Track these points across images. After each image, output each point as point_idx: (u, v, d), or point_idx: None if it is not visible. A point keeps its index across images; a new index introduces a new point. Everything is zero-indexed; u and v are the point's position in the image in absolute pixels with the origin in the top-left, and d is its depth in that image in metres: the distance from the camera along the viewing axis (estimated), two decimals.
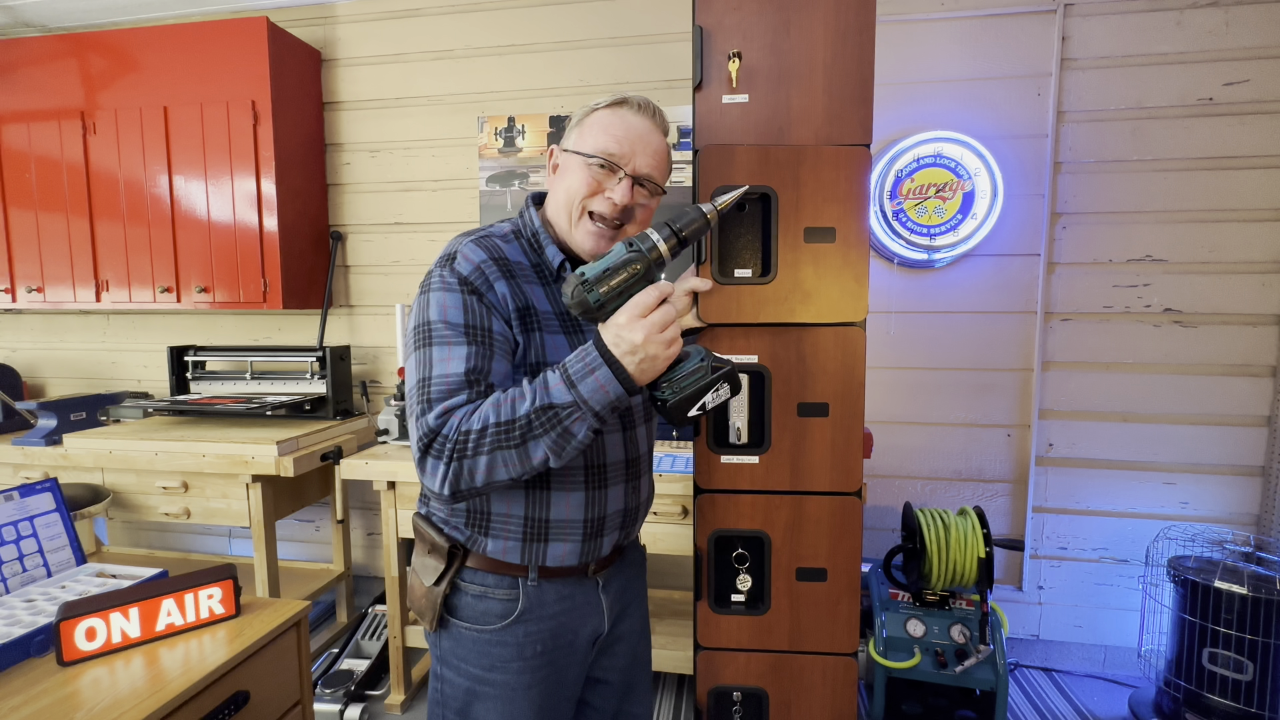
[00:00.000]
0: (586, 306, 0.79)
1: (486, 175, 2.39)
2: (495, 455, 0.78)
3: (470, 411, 0.79)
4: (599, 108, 0.93)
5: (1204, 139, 2.01)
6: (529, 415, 0.77)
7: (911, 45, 2.11)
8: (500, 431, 0.78)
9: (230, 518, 2.05)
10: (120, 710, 0.84)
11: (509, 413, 0.78)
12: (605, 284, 0.79)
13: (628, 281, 0.79)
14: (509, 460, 0.79)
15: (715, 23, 1.08)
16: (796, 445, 1.12)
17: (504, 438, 0.78)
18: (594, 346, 0.79)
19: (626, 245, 0.80)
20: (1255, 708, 1.71)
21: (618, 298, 0.79)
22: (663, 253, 0.80)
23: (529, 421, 0.77)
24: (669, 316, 0.78)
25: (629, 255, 0.79)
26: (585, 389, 0.77)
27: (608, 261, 0.80)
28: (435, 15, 2.38)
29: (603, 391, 0.77)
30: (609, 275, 0.79)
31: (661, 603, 2.25)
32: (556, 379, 0.79)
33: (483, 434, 0.78)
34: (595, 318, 0.80)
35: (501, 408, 0.78)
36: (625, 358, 0.77)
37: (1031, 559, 2.22)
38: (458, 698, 0.94)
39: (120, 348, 2.77)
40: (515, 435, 0.78)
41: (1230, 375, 2.06)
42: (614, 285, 0.79)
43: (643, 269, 0.79)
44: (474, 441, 0.78)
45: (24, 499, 1.18)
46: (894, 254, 2.14)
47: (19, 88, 2.34)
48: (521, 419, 0.77)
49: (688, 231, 0.82)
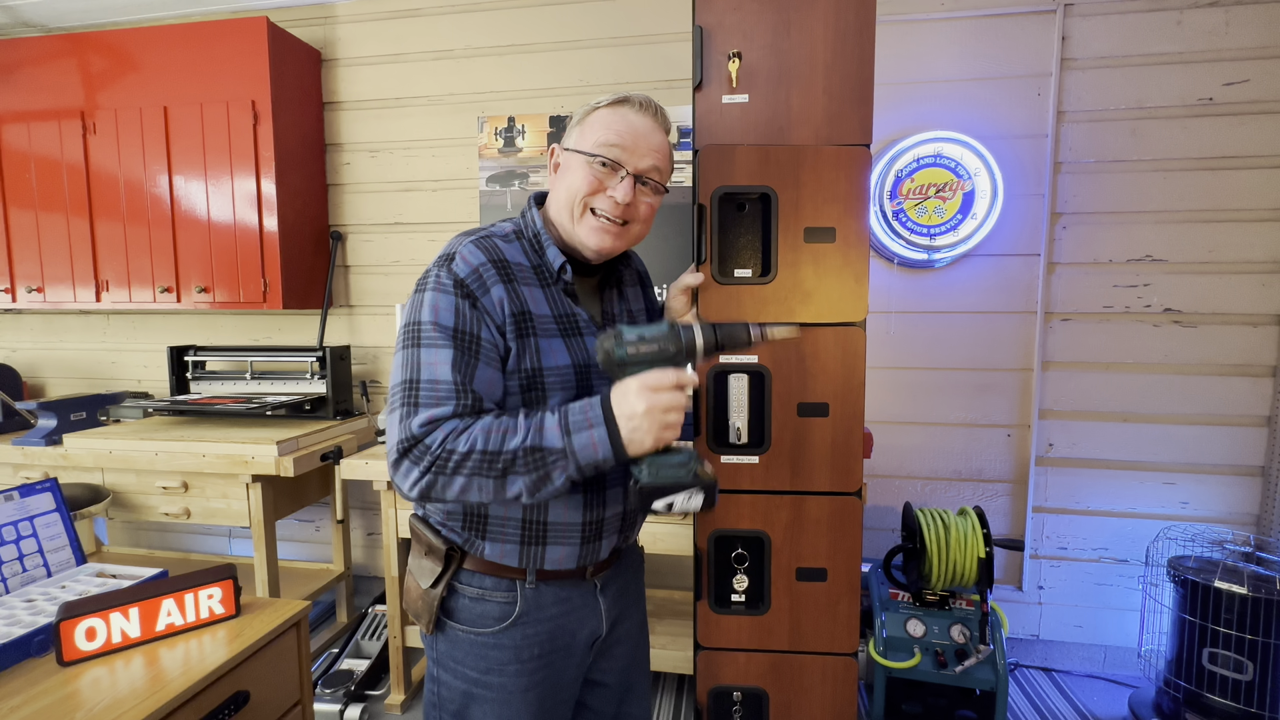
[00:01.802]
0: (611, 359, 0.83)
1: (486, 175, 2.38)
2: (473, 480, 0.80)
3: (460, 430, 0.80)
4: (601, 106, 0.93)
5: (1204, 139, 2.01)
6: (516, 452, 0.79)
7: (911, 45, 2.11)
8: (484, 460, 0.79)
9: (230, 518, 2.05)
10: (120, 710, 0.84)
11: (497, 444, 0.79)
12: (635, 347, 0.82)
13: (656, 356, 0.82)
14: (484, 487, 0.81)
15: (715, 23, 1.08)
16: (796, 445, 1.12)
17: (486, 467, 0.79)
18: (599, 402, 0.81)
19: (670, 325, 0.84)
20: (1255, 708, 1.71)
21: (640, 364, 0.82)
22: (698, 348, 0.84)
23: (514, 458, 0.79)
24: (676, 402, 0.80)
25: (668, 333, 0.83)
26: (577, 441, 0.80)
27: (647, 330, 0.83)
28: (435, 15, 2.38)
29: (592, 449, 0.80)
30: (642, 341, 0.82)
31: (661, 603, 2.25)
32: (553, 423, 0.81)
33: (466, 457, 0.79)
34: (615, 374, 0.84)
35: (491, 436, 0.79)
36: (622, 420, 0.80)
37: (1031, 559, 2.22)
38: (454, 700, 0.94)
39: (120, 348, 2.77)
40: (498, 467, 0.79)
41: (1230, 375, 2.06)
42: (642, 352, 0.82)
43: (674, 350, 0.83)
44: (456, 461, 0.79)
45: (24, 499, 1.18)
46: (894, 254, 2.14)
47: (19, 88, 2.34)
48: (508, 454, 0.79)
49: (726, 343, 0.85)
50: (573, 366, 0.91)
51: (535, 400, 0.89)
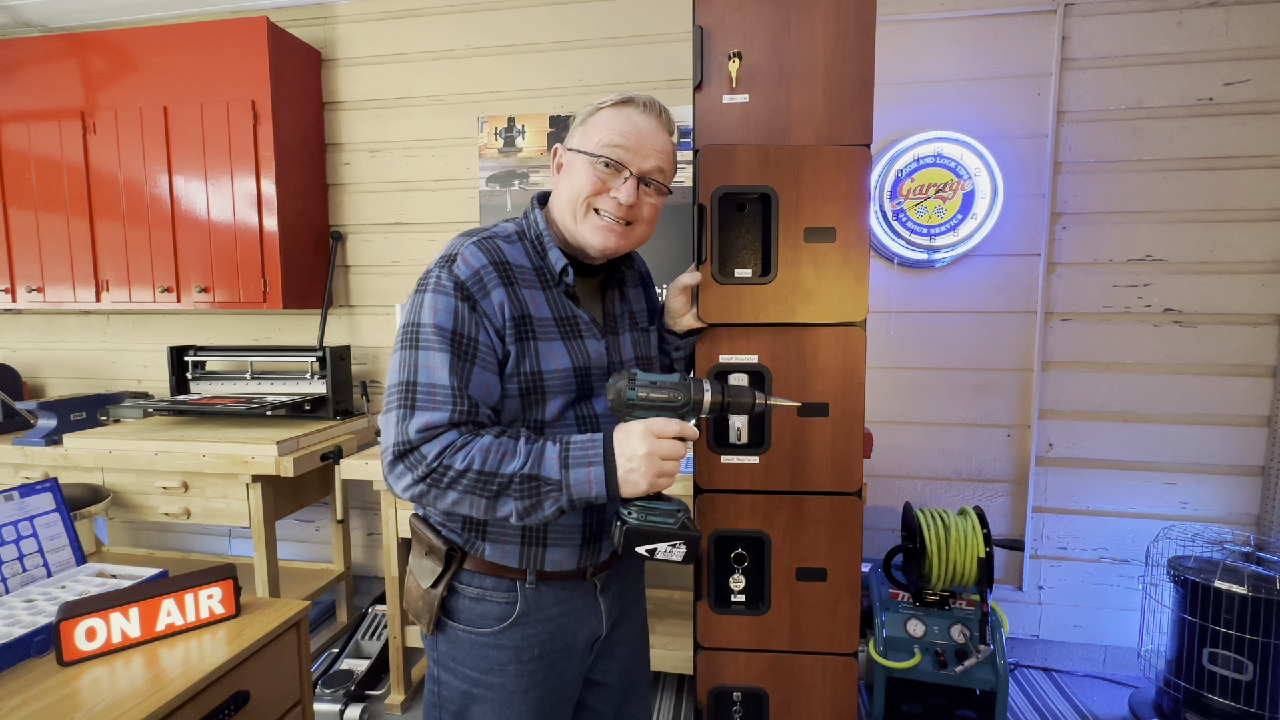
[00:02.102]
0: (620, 399, 0.84)
1: (486, 175, 2.38)
2: (465, 496, 0.81)
3: (458, 446, 0.81)
4: (604, 106, 0.93)
5: (1204, 139, 2.01)
6: (513, 477, 0.80)
7: (911, 45, 2.11)
8: (480, 480, 0.80)
9: (230, 518, 2.05)
10: (120, 710, 0.84)
11: (494, 465, 0.80)
12: (647, 392, 0.84)
13: (664, 403, 0.84)
14: (476, 505, 0.82)
15: (715, 23, 1.08)
16: (796, 445, 1.12)
17: (481, 487, 0.80)
18: (602, 440, 0.83)
19: (682, 377, 0.87)
20: (1255, 708, 1.71)
21: (647, 409, 0.84)
22: (705, 403, 0.86)
23: (509, 482, 0.80)
24: (675, 452, 0.82)
25: (679, 384, 0.85)
26: (573, 476, 0.81)
27: (660, 378, 0.86)
28: (435, 15, 2.38)
29: (587, 485, 0.81)
30: (654, 388, 0.85)
31: (661, 603, 2.25)
32: (553, 454, 0.82)
33: (462, 474, 0.80)
34: (621, 414, 0.85)
35: (489, 457, 0.80)
36: (621, 460, 0.81)
37: (1031, 559, 2.22)
38: (455, 701, 0.94)
39: (120, 348, 2.77)
40: (492, 488, 0.80)
41: (1230, 375, 2.06)
42: (652, 397, 0.84)
43: (682, 401, 0.85)
44: (451, 477, 0.80)
45: (24, 499, 1.18)
46: (894, 254, 2.14)
47: (19, 88, 2.34)
48: (504, 477, 0.80)
49: (733, 405, 0.87)
50: (573, 369, 0.91)
51: (535, 403, 0.89)
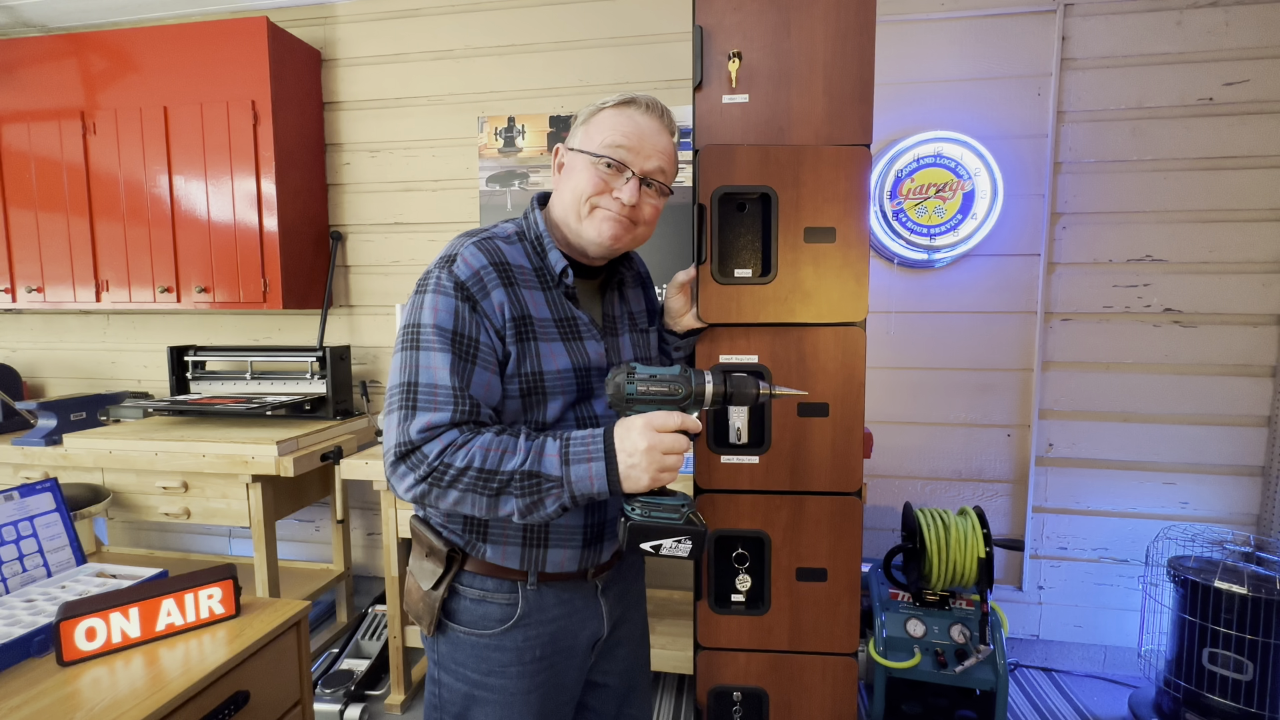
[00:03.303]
0: (620, 394, 0.83)
1: (486, 175, 2.38)
2: (467, 495, 0.81)
3: (459, 444, 0.81)
4: (607, 107, 0.93)
5: (1204, 139, 2.01)
6: (513, 474, 0.80)
7: (911, 45, 2.11)
8: (480, 478, 0.80)
9: (230, 518, 2.05)
10: (120, 710, 0.84)
11: (494, 463, 0.80)
12: (646, 386, 0.83)
13: (664, 396, 0.83)
14: (478, 503, 0.82)
15: (715, 23, 1.08)
16: (796, 445, 1.12)
17: (482, 485, 0.80)
18: (603, 435, 0.82)
19: (682, 369, 0.85)
20: (1255, 708, 1.71)
21: (648, 403, 0.83)
22: (706, 395, 0.84)
23: (510, 479, 0.80)
24: (677, 445, 0.81)
25: (680, 377, 0.84)
26: (574, 473, 0.80)
27: (660, 370, 0.84)
28: (435, 15, 2.38)
29: (588, 481, 0.80)
30: (653, 381, 0.83)
31: (661, 603, 2.25)
32: (554, 450, 0.81)
33: (463, 473, 0.80)
34: (621, 409, 0.84)
35: (490, 455, 0.80)
36: (622, 455, 0.80)
37: (1031, 559, 2.22)
38: (455, 703, 0.94)
39: (120, 348, 2.77)
40: (493, 486, 0.80)
41: (1230, 375, 2.06)
42: (651, 391, 0.83)
43: (683, 394, 0.83)
44: (452, 475, 0.80)
45: (24, 499, 1.18)
46: (894, 254, 2.14)
47: (19, 88, 2.34)
48: (504, 475, 0.80)
49: (736, 396, 0.85)
50: (573, 370, 0.91)
51: (536, 404, 0.89)
